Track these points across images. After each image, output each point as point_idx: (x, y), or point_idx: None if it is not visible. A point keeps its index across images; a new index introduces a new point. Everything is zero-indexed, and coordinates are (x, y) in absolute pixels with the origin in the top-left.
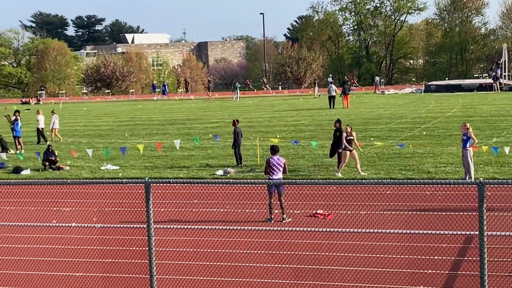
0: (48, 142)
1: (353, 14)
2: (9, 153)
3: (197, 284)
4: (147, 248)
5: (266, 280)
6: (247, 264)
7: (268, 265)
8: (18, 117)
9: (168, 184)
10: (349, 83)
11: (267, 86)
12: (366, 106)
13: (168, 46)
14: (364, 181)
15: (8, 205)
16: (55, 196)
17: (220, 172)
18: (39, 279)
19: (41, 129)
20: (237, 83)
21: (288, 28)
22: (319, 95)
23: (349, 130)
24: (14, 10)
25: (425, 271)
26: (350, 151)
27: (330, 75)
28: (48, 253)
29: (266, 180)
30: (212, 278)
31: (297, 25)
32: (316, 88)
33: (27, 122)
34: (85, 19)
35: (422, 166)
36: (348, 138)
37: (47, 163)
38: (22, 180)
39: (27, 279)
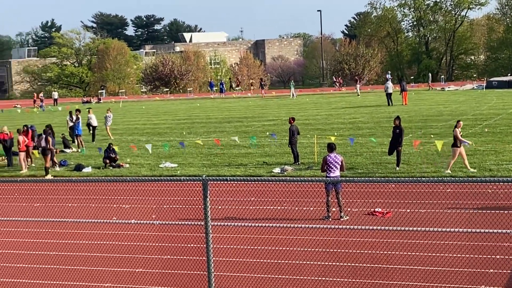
0: (110, 140)
1: (412, 9)
2: (71, 151)
3: (255, 281)
4: (204, 245)
5: (323, 278)
6: (304, 262)
7: (326, 263)
8: (79, 116)
9: (226, 182)
10: (336, 81)
11: (103, 93)
12: (425, 103)
13: (226, 44)
14: (423, 179)
15: (70, 202)
16: (115, 193)
17: (277, 169)
18: (100, 275)
19: (93, 127)
20: (292, 81)
21: (346, 25)
22: (358, 94)
23: (461, 125)
24: (76, 11)
25: (487, 270)
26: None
27: (389, 72)
28: (109, 249)
29: (324, 178)
30: (269, 276)
31: (355, 21)
32: (358, 85)
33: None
34: (144, 19)
35: (484, 163)
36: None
37: (107, 161)
38: (83, 177)
39: (88, 274)
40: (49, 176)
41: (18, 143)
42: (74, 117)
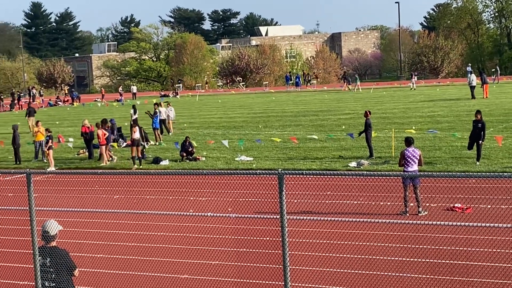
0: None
1: (493, 0)
2: (149, 144)
3: (330, 275)
4: (280, 239)
5: (401, 274)
6: (381, 257)
7: (403, 258)
8: (157, 110)
9: (301, 176)
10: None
11: (180, 87)
12: (507, 96)
13: (302, 37)
14: (505, 174)
15: (148, 194)
16: (192, 186)
17: (353, 163)
18: (177, 267)
19: (163, 121)
20: (356, 74)
21: (425, 17)
22: (414, 87)
23: None
24: (155, 7)
25: None
26: None
27: (469, 65)
28: (186, 241)
29: (401, 173)
30: (344, 271)
31: (434, 13)
32: (413, 79)
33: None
34: (221, 13)
35: None
36: None
37: (184, 154)
38: (161, 170)
39: (166, 266)
40: (135, 167)
41: (98, 137)
42: (164, 111)
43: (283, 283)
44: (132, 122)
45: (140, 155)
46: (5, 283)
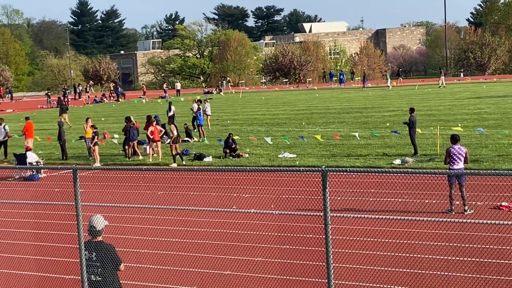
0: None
1: None
2: (193, 140)
3: (374, 274)
4: (323, 236)
5: (446, 273)
6: (426, 256)
7: (449, 257)
8: (201, 107)
9: (345, 173)
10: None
11: (224, 84)
12: None
13: (346, 34)
14: None
15: (191, 190)
16: (235, 183)
17: (397, 161)
18: (221, 263)
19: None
20: (387, 72)
21: (471, 13)
22: (443, 85)
23: None
24: (199, 4)
25: None
26: None
27: None
28: (229, 237)
29: (447, 170)
30: (388, 269)
31: (481, 9)
32: (443, 77)
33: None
34: (265, 10)
35: None
36: None
37: (228, 151)
38: (204, 166)
39: (209, 262)
40: (174, 165)
41: (152, 133)
42: (196, 107)
43: (326, 281)
44: (168, 120)
45: (174, 152)
46: (52, 277)
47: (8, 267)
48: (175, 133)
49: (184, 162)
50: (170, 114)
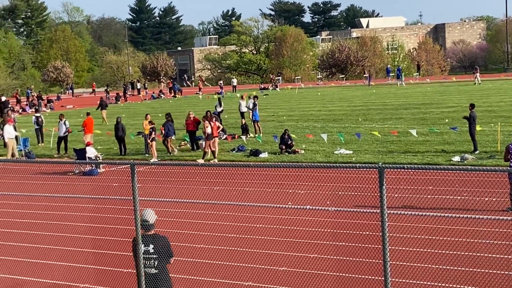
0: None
1: None
2: (249, 136)
3: (431, 272)
4: (380, 233)
5: (506, 272)
6: (485, 255)
7: (509, 256)
8: (256, 103)
9: (402, 170)
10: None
11: (188, 82)
12: None
13: (404, 29)
14: None
15: (247, 186)
16: (291, 179)
17: (456, 158)
18: (276, 259)
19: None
20: (397, 69)
21: None
22: (479, 82)
23: None
24: (256, 0)
25: None
26: None
27: None
28: (284, 233)
29: (507, 168)
30: (446, 267)
31: None
32: (477, 74)
33: (265, 107)
34: (321, 5)
35: None
36: None
37: (283, 147)
38: (260, 162)
39: (264, 258)
40: (201, 161)
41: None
42: (251, 104)
43: (382, 278)
44: (209, 116)
45: (206, 149)
46: (109, 270)
47: (68, 259)
48: (208, 130)
49: (216, 160)
50: (219, 110)
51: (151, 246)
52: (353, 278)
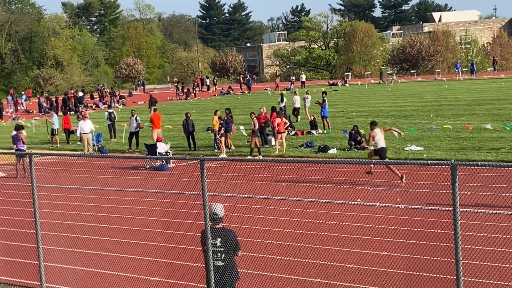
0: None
1: None
2: (318, 132)
3: (506, 271)
4: (452, 232)
5: None
6: None
7: None
8: (325, 98)
9: (476, 167)
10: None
11: (349, 75)
12: None
13: (477, 23)
14: None
15: (315, 182)
16: (360, 176)
17: None
18: (344, 256)
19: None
20: (395, 69)
21: None
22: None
23: None
24: None
25: None
26: None
27: None
28: (353, 230)
29: None
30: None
31: None
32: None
33: (334, 103)
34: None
35: None
36: None
37: (352, 143)
38: (328, 158)
39: (334, 254)
40: (222, 155)
41: (278, 124)
42: (308, 101)
43: (455, 277)
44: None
45: (259, 145)
46: (179, 264)
47: (139, 253)
48: (257, 126)
49: (260, 156)
50: (282, 105)
51: (219, 239)
52: (423, 276)
